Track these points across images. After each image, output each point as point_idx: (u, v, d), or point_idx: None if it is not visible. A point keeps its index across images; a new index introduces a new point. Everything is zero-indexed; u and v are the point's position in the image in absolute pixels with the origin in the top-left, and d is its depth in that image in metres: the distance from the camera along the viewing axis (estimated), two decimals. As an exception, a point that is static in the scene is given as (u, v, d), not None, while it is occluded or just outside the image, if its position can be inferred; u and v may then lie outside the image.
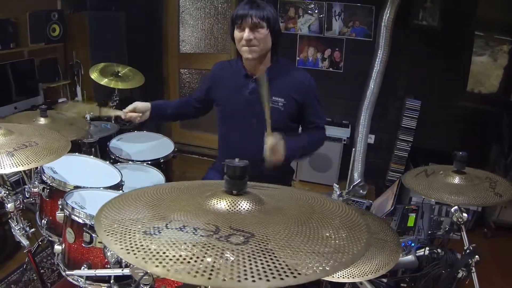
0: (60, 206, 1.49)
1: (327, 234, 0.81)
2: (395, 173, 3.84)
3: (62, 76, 3.83)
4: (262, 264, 0.66)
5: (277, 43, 1.93)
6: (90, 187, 1.72)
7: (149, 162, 2.56)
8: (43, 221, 1.77)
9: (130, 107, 2.05)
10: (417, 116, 3.62)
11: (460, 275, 1.59)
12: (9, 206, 1.69)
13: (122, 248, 0.67)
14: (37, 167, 1.87)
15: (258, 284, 0.61)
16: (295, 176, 4.10)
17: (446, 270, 1.70)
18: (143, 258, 0.65)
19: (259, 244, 0.71)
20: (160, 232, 0.71)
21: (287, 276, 0.64)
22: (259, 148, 1.88)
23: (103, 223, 0.77)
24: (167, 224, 0.74)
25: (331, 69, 3.97)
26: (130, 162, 2.51)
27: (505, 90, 3.43)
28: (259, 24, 1.79)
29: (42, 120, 2.18)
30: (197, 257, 0.65)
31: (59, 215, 1.48)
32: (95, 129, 2.78)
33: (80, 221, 1.40)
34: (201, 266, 0.63)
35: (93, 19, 3.73)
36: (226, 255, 0.67)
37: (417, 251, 1.84)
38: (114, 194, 1.75)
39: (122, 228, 0.74)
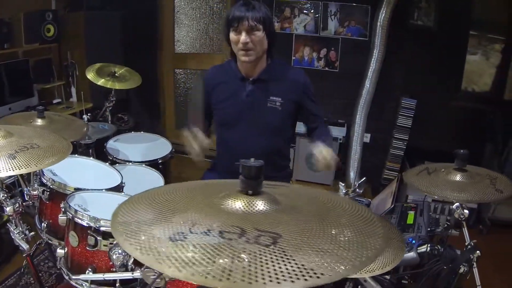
0: (63, 209, 1.45)
1: (348, 233, 0.82)
2: (391, 171, 3.84)
3: (57, 76, 3.76)
4: (290, 264, 0.66)
5: (272, 44, 1.91)
6: (92, 189, 1.68)
7: (147, 163, 2.53)
8: (43, 224, 1.73)
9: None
10: (412, 115, 3.63)
11: (461, 270, 1.61)
12: (8, 209, 1.64)
13: (151, 257, 0.66)
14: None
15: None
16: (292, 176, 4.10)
17: (447, 266, 1.71)
18: (175, 267, 0.64)
19: (287, 245, 0.71)
20: (186, 238, 0.69)
21: (310, 277, 0.64)
22: (259, 149, 1.92)
23: (121, 229, 0.75)
24: (190, 229, 0.73)
25: (326, 69, 3.96)
26: (129, 163, 2.47)
27: (499, 89, 3.44)
28: (255, 27, 1.76)
29: (39, 121, 2.13)
30: (233, 261, 0.65)
31: (62, 218, 1.44)
32: (92, 130, 2.73)
33: (84, 224, 1.36)
34: (238, 270, 0.64)
35: (88, 19, 3.67)
36: (243, 255, 0.67)
37: (418, 248, 1.84)
38: (116, 196, 1.72)
39: (142, 235, 0.72)
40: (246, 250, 0.68)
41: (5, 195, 1.66)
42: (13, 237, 1.70)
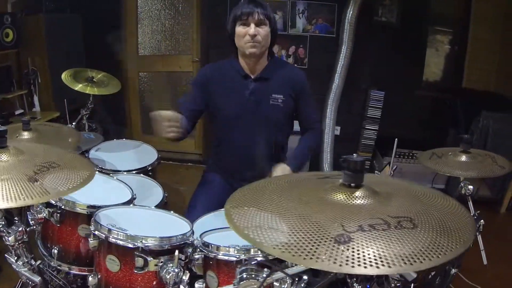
0: (94, 231, 1.22)
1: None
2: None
3: (17, 85, 3.32)
4: (432, 240, 0.74)
5: (273, 42, 1.93)
6: (116, 205, 1.46)
7: (139, 171, 2.32)
8: (53, 250, 1.47)
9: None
10: (381, 106, 3.69)
11: (469, 238, 1.75)
12: (10, 239, 1.37)
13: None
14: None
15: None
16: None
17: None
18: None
19: (423, 225, 0.78)
20: (352, 239, 0.71)
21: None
22: (262, 146, 1.91)
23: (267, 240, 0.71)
24: (344, 228, 0.74)
25: (296, 66, 3.89)
26: (124, 172, 2.23)
27: (457, 78, 3.61)
28: (263, 21, 1.79)
29: (26, 134, 1.84)
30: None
31: (92, 242, 1.22)
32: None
33: (129, 245, 1.17)
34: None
35: (48, 22, 3.28)
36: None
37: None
38: (145, 210, 1.52)
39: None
40: (404, 235, 0.73)
41: (3, 223, 1.39)
42: (16, 269, 1.42)
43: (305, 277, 1.05)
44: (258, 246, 0.71)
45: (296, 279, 1.04)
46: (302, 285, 1.05)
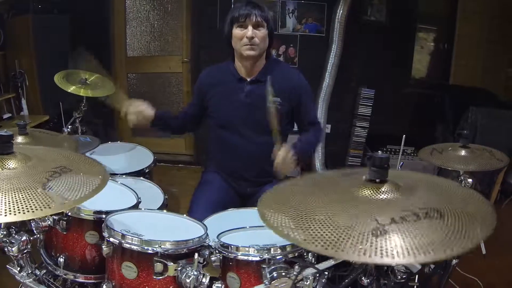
0: (108, 238, 1.18)
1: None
2: (354, 158, 3.91)
3: (4, 88, 3.20)
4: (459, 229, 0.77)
5: (271, 44, 1.91)
6: (124, 209, 1.41)
7: (136, 174, 2.26)
8: (59, 259, 1.41)
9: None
10: (371, 104, 3.71)
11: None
12: (14, 249, 1.30)
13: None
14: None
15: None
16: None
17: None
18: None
19: (450, 214, 0.81)
20: (387, 231, 0.73)
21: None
22: (260, 148, 1.88)
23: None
24: (378, 221, 0.76)
25: (292, 67, 3.89)
26: (123, 176, 2.17)
27: (444, 75, 3.67)
28: (261, 23, 1.78)
29: (21, 139, 1.75)
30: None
31: (106, 249, 1.17)
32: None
33: (148, 250, 1.14)
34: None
35: (35, 24, 3.18)
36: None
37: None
38: (156, 213, 1.48)
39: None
40: (434, 225, 0.77)
41: (4, 232, 1.32)
42: (21, 281, 1.36)
43: (325, 272, 1.06)
44: (301, 245, 0.73)
45: (317, 274, 1.05)
46: (323, 280, 1.07)
